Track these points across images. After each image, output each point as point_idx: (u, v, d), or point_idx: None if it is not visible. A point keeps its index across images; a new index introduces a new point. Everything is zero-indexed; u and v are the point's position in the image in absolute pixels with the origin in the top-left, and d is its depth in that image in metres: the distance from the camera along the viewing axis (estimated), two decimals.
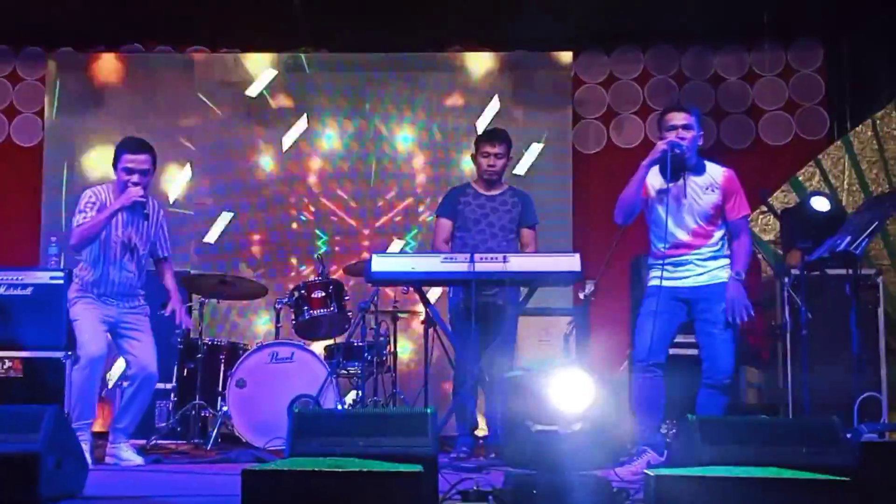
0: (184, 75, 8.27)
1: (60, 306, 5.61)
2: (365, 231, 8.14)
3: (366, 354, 6.43)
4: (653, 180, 4.94)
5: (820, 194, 6.87)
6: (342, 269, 7.15)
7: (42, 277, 6.43)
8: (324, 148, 8.23)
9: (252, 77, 8.26)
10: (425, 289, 5.59)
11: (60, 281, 6.20)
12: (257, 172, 8.21)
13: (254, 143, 8.23)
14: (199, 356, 6.49)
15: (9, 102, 8.36)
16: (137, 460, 5.28)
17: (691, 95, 8.15)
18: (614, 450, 3.72)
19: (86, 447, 4.89)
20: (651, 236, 5.06)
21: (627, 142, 8.20)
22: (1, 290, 6.40)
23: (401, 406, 6.70)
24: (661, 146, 4.82)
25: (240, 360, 6.36)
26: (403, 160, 8.20)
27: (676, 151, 4.79)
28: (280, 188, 8.20)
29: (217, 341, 6.81)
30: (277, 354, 6.34)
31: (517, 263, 5.18)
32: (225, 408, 6.29)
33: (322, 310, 6.52)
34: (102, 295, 5.29)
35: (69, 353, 6.17)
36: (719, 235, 4.95)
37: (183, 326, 5.48)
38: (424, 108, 8.21)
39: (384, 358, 6.71)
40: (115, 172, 5.32)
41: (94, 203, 5.27)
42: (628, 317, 6.58)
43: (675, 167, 4.81)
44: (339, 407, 6.24)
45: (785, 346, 6.49)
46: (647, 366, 4.85)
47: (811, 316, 5.77)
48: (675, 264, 4.92)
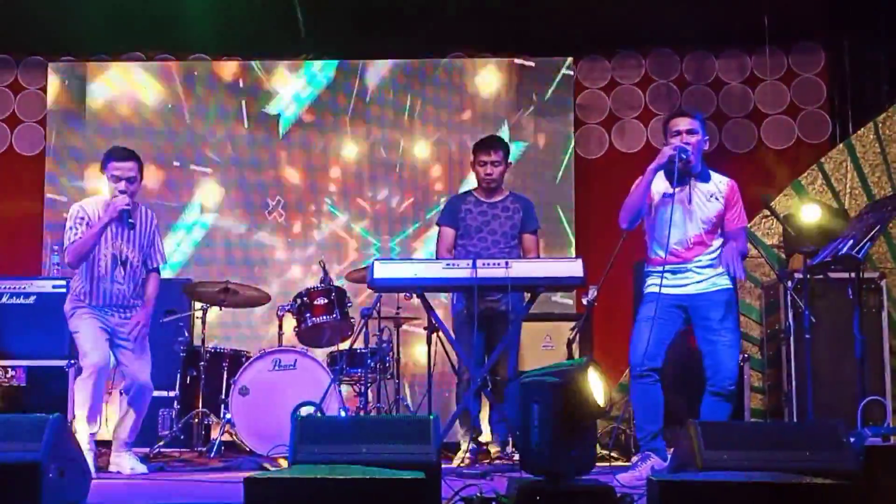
0: (186, 84, 8.27)
1: (63, 315, 5.61)
2: (374, 237, 8.14)
3: (369, 361, 6.43)
4: (657, 185, 4.92)
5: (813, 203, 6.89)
6: (344, 277, 7.15)
7: (44, 286, 6.48)
8: (325, 154, 8.23)
9: (257, 85, 8.27)
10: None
11: (63, 290, 6.22)
12: (263, 181, 8.21)
13: (256, 150, 8.23)
14: (202, 364, 6.49)
15: (11, 111, 8.37)
16: (141, 468, 5.28)
17: (693, 100, 8.15)
18: None
19: (89, 456, 4.89)
20: (650, 242, 5.04)
21: (629, 146, 8.20)
22: (3, 300, 6.44)
23: (404, 413, 6.69)
24: (669, 151, 4.80)
25: (243, 368, 6.35)
26: (404, 167, 8.19)
27: (683, 157, 4.78)
28: (283, 193, 8.19)
29: (220, 349, 6.81)
30: (280, 361, 6.33)
31: (519, 269, 5.18)
32: (228, 415, 6.28)
33: (325, 316, 6.52)
34: (97, 306, 5.29)
35: (72, 362, 6.18)
36: (717, 244, 4.93)
37: (130, 339, 5.31)
38: (426, 115, 8.21)
39: (387, 364, 6.71)
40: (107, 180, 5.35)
41: (83, 218, 5.27)
42: (631, 322, 6.57)
43: (681, 172, 4.81)
44: (343, 414, 6.23)
45: (788, 350, 6.48)
46: (644, 371, 4.83)
47: (814, 320, 5.76)
48: (674, 271, 4.89)
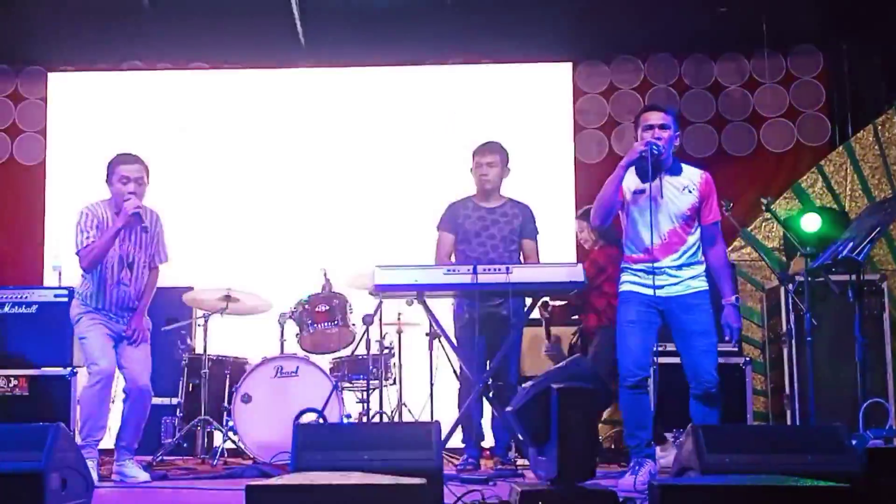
0: (185, 92, 8.29)
1: (65, 324, 5.63)
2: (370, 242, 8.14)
3: (371, 367, 6.43)
4: (628, 181, 4.87)
5: (814, 211, 6.90)
6: (346, 283, 7.15)
7: (46, 296, 6.49)
8: (326, 162, 8.24)
9: (258, 92, 8.29)
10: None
11: (65, 299, 6.25)
12: (266, 188, 8.22)
13: (257, 158, 8.24)
14: (204, 371, 6.49)
15: (11, 121, 8.38)
16: (143, 476, 5.28)
17: (692, 104, 8.16)
18: None
19: (92, 464, 4.89)
20: (624, 240, 4.98)
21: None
22: (6, 309, 6.45)
23: (406, 419, 6.69)
24: (639, 147, 4.76)
25: (245, 375, 6.36)
26: (404, 172, 8.20)
27: (654, 151, 4.75)
28: (285, 201, 8.20)
29: (222, 356, 6.81)
30: (282, 369, 6.34)
31: (520, 274, 5.19)
32: (230, 423, 6.28)
33: (327, 323, 6.52)
34: (102, 309, 5.31)
35: (74, 371, 6.19)
36: (692, 241, 4.87)
37: (131, 340, 5.37)
38: (426, 121, 8.22)
39: (389, 371, 6.71)
40: (109, 188, 5.35)
41: (94, 221, 5.29)
42: None
43: (653, 168, 4.75)
44: (345, 421, 6.23)
45: (790, 353, 6.48)
46: (635, 382, 4.80)
47: (815, 322, 5.76)
48: (647, 271, 4.82)
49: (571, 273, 5.20)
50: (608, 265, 6.03)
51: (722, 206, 5.12)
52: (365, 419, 6.48)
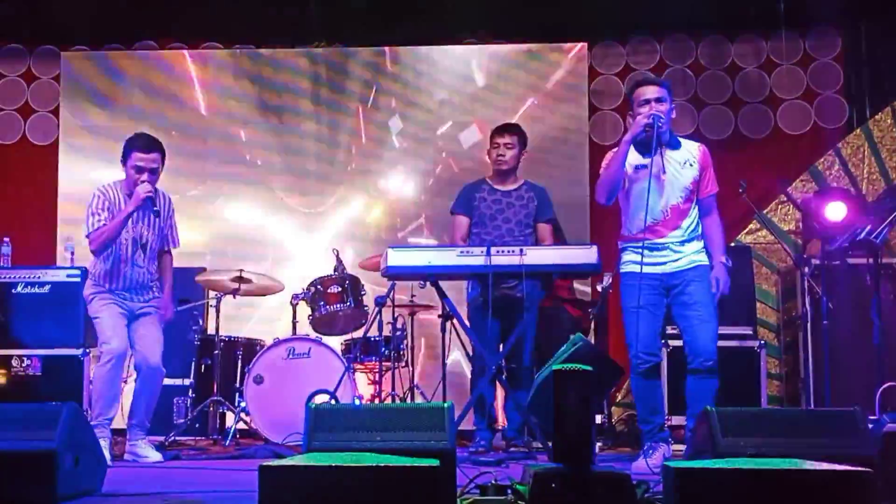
0: (198, 72, 8.27)
1: (78, 304, 5.64)
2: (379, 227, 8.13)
3: (383, 349, 6.42)
4: (629, 158, 4.83)
5: (836, 199, 6.82)
6: (358, 265, 7.14)
7: (59, 275, 6.49)
8: (338, 142, 8.21)
9: (270, 72, 8.26)
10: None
11: (77, 279, 6.25)
12: (278, 169, 8.20)
13: (269, 139, 8.22)
14: (216, 352, 6.49)
15: (24, 101, 8.38)
16: (156, 456, 5.29)
17: (708, 85, 8.10)
18: None
19: (105, 444, 4.91)
20: (624, 218, 4.95)
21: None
22: (19, 289, 6.45)
23: (418, 401, 6.68)
24: (644, 120, 4.72)
25: (257, 356, 6.36)
26: (417, 153, 8.17)
27: (659, 124, 4.70)
28: (297, 182, 8.18)
29: (234, 337, 6.82)
30: (294, 350, 6.34)
31: (534, 256, 5.17)
32: (243, 403, 6.29)
33: (339, 305, 6.52)
34: (115, 290, 5.31)
35: (87, 351, 6.20)
36: (694, 214, 4.85)
37: (167, 317, 5.51)
38: (440, 102, 8.18)
39: (401, 352, 6.70)
40: (124, 168, 5.34)
41: (106, 203, 5.29)
42: None
43: (653, 142, 4.72)
44: (357, 402, 6.23)
45: (805, 336, 6.44)
46: (646, 368, 4.78)
47: (832, 306, 5.72)
48: (651, 248, 4.79)
49: (585, 255, 5.17)
50: None
51: (739, 189, 5.08)
52: (377, 401, 6.48)
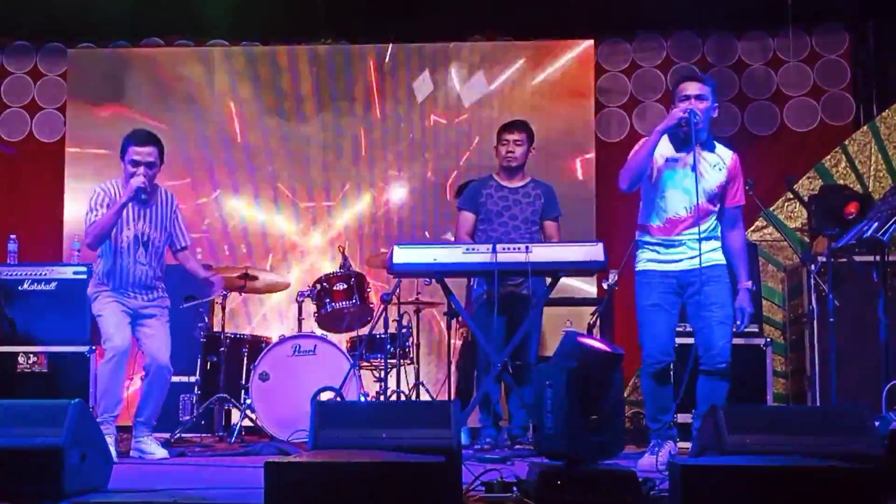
0: (204, 69, 8.28)
1: (84, 301, 5.64)
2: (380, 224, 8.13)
3: (388, 346, 6.42)
4: (661, 149, 4.78)
5: (853, 198, 6.79)
6: (364, 262, 7.15)
7: (65, 272, 6.49)
8: (344, 139, 8.22)
9: (276, 70, 8.26)
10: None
11: (83, 276, 6.26)
12: (284, 166, 8.21)
13: (275, 136, 8.23)
14: (222, 349, 6.49)
15: (30, 98, 8.40)
16: (162, 453, 5.30)
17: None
18: None
19: (111, 441, 4.92)
20: (646, 209, 4.86)
21: (650, 130, 8.10)
22: (25, 286, 6.46)
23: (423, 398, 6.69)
24: (679, 113, 4.66)
25: (263, 353, 6.36)
26: (424, 151, 8.17)
27: (694, 119, 4.64)
28: (303, 179, 8.19)
29: (239, 334, 6.83)
30: (300, 347, 6.34)
31: (540, 253, 5.16)
32: (248, 401, 6.30)
33: (344, 302, 6.52)
34: (119, 288, 5.31)
35: (93, 348, 6.21)
36: (714, 219, 4.79)
37: (219, 289, 5.69)
38: (447, 99, 8.18)
39: (407, 349, 6.71)
40: (122, 164, 5.34)
41: (104, 200, 5.29)
42: None
43: (687, 138, 4.66)
44: (362, 399, 6.23)
45: (811, 334, 6.42)
46: (659, 368, 4.75)
47: (838, 303, 5.70)
48: (667, 245, 4.76)
49: (591, 252, 5.16)
50: None
51: (746, 186, 5.04)
52: (382, 398, 6.48)
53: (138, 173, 5.22)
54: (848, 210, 6.48)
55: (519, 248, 5.16)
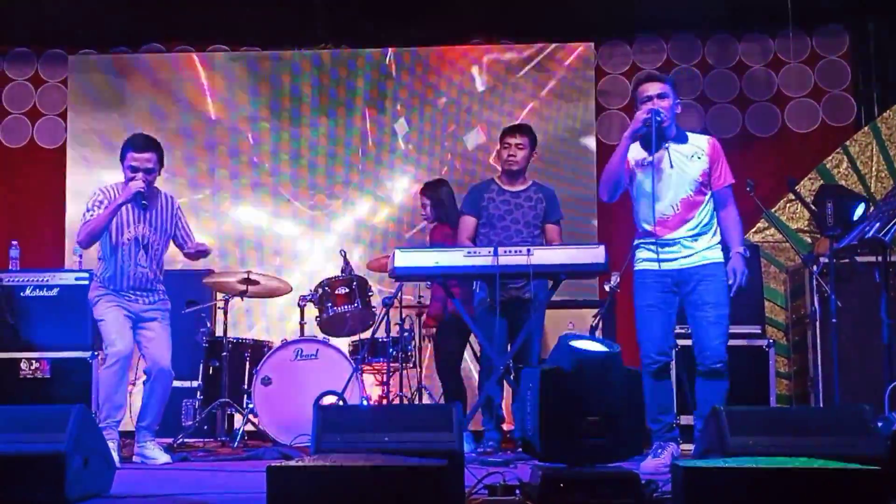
0: (205, 74, 8.28)
1: (86, 307, 5.64)
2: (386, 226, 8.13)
3: (391, 350, 6.42)
4: (633, 153, 4.83)
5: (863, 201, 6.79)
6: (366, 266, 7.15)
7: (67, 278, 6.50)
8: (345, 144, 8.22)
9: (278, 74, 8.27)
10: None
11: (86, 282, 6.25)
12: (285, 171, 8.21)
13: (277, 141, 8.24)
14: (224, 354, 6.50)
15: (32, 105, 8.41)
16: (164, 458, 5.30)
17: (715, 84, 8.09)
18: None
19: (113, 446, 4.92)
20: (635, 216, 4.92)
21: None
22: (27, 292, 6.47)
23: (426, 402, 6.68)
24: (642, 116, 4.71)
25: (265, 358, 6.37)
26: (424, 154, 8.17)
27: (658, 119, 4.68)
28: (304, 183, 8.20)
29: (242, 339, 6.83)
30: (302, 351, 6.34)
31: (541, 256, 5.16)
32: (251, 405, 6.29)
33: (346, 306, 6.52)
34: (120, 290, 5.31)
35: (95, 353, 6.21)
36: (706, 208, 4.79)
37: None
38: (447, 103, 8.18)
39: (409, 353, 6.70)
40: (123, 169, 5.34)
41: (102, 201, 5.28)
42: None
43: (657, 138, 4.69)
44: (364, 403, 6.23)
45: (814, 335, 6.42)
46: (658, 368, 4.76)
47: (840, 304, 5.69)
48: (662, 244, 4.76)
49: (592, 255, 5.17)
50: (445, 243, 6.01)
51: (746, 188, 5.05)
52: (385, 402, 6.48)
53: (137, 178, 5.23)
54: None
55: (520, 252, 5.16)
